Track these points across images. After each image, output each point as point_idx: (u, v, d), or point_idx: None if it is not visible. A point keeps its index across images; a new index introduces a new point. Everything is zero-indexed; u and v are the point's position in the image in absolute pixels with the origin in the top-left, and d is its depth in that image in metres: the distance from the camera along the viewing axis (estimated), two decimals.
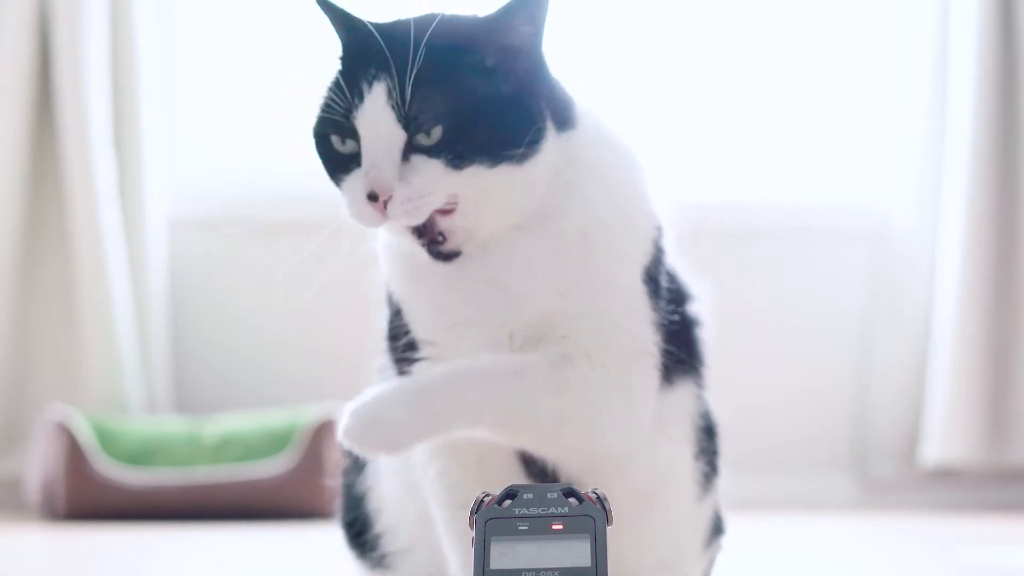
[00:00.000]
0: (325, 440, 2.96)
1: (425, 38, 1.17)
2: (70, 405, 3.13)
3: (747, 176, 3.69)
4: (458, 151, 1.17)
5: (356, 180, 1.20)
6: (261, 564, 2.22)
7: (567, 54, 1.31)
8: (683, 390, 1.33)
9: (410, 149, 1.18)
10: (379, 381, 1.32)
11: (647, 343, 1.26)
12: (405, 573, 1.42)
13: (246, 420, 3.14)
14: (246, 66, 3.61)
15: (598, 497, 1.08)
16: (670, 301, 1.31)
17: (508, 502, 1.08)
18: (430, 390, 1.22)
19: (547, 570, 1.03)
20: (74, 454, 2.96)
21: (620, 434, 1.24)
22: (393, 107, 1.17)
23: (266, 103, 3.61)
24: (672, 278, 1.33)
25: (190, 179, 3.51)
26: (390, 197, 1.17)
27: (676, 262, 1.35)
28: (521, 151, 1.19)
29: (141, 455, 3.04)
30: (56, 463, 2.95)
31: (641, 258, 1.27)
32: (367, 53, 1.21)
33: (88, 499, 2.95)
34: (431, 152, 1.17)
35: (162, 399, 3.33)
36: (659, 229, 1.31)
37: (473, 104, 1.18)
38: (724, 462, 1.40)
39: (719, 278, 1.41)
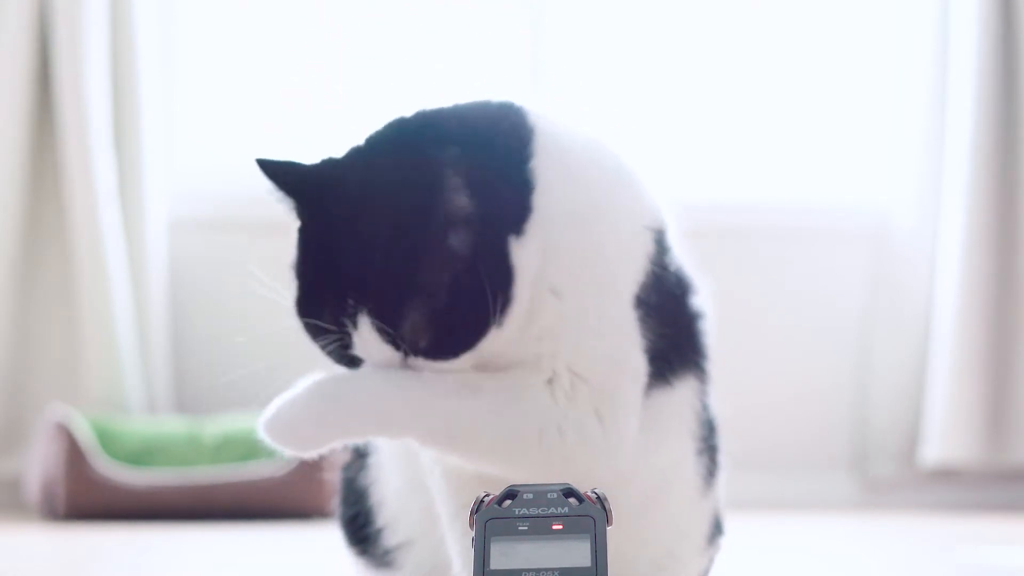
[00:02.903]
0: None
1: (386, 251, 1.18)
2: (70, 405, 3.13)
3: (747, 176, 3.69)
4: (449, 348, 1.21)
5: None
6: (261, 564, 2.22)
7: (567, 54, 1.29)
8: (684, 387, 1.33)
9: (405, 355, 1.22)
10: None
11: (629, 367, 1.26)
12: (407, 568, 1.41)
13: (246, 420, 3.14)
14: (246, 66, 3.61)
15: (598, 497, 1.08)
16: (673, 296, 1.30)
17: (508, 502, 1.08)
18: (346, 392, 1.24)
19: (547, 570, 1.03)
20: (74, 454, 2.96)
21: (599, 459, 1.24)
22: (386, 341, 1.20)
23: (266, 103, 3.61)
24: (675, 272, 1.32)
25: (190, 179, 3.51)
26: None
27: (679, 256, 1.34)
28: (502, 319, 1.20)
29: (141, 455, 3.04)
30: (56, 463, 2.95)
31: (631, 287, 1.27)
32: (332, 269, 1.21)
33: (88, 499, 2.95)
34: (426, 354, 1.21)
35: (162, 399, 3.33)
36: (656, 234, 1.30)
37: (451, 303, 1.19)
38: (725, 458, 1.40)
39: (719, 278, 1.41)
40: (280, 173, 1.25)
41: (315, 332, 1.23)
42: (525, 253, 1.21)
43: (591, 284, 1.25)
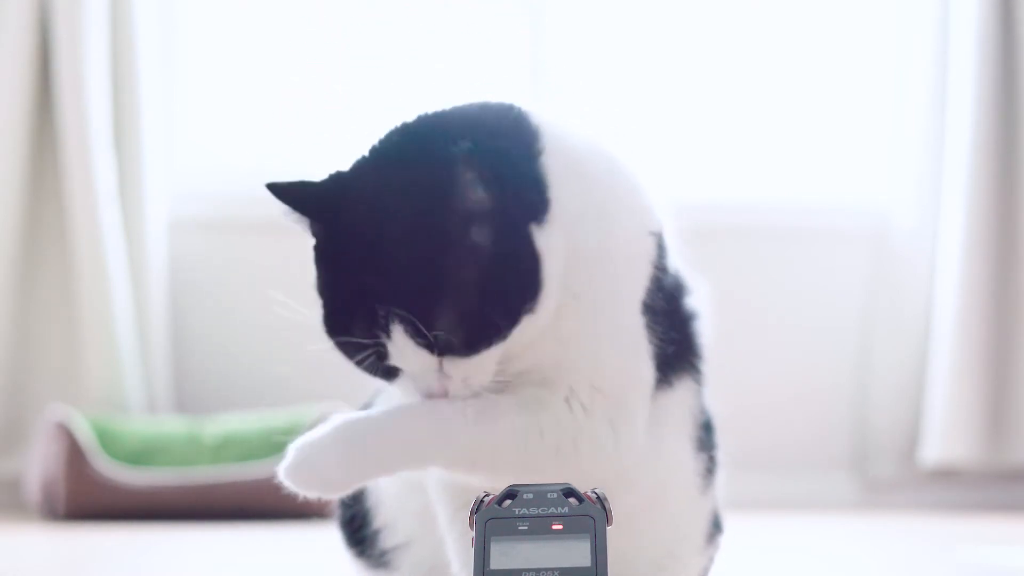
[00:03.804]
0: None
1: (409, 254, 1.17)
2: (70, 405, 3.13)
3: (747, 176, 3.69)
4: (483, 340, 1.19)
5: (405, 384, 1.24)
6: (261, 564, 2.22)
7: (567, 54, 1.29)
8: (683, 388, 1.33)
9: (441, 356, 1.20)
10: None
11: (640, 376, 1.27)
12: (405, 569, 1.42)
13: (246, 420, 3.14)
14: (246, 66, 3.61)
15: (598, 497, 1.08)
16: (671, 298, 1.30)
17: (508, 502, 1.08)
18: (371, 431, 1.23)
19: (547, 570, 1.03)
20: (74, 454, 2.96)
21: (607, 465, 1.25)
22: (421, 345, 1.18)
23: (266, 103, 3.61)
24: (672, 274, 1.32)
25: (190, 179, 3.51)
26: (446, 392, 1.21)
27: (675, 257, 1.34)
28: (535, 302, 1.20)
29: (141, 455, 3.04)
30: (56, 463, 2.95)
31: (639, 292, 1.27)
32: (357, 282, 1.20)
33: (88, 499, 2.94)
34: (461, 350, 1.20)
35: (162, 399, 3.33)
36: (657, 237, 1.30)
37: (481, 296, 1.18)
38: (723, 456, 1.40)
39: (719, 278, 1.41)
40: (291, 194, 1.24)
41: (349, 349, 1.22)
42: (548, 240, 1.20)
43: (604, 290, 1.25)
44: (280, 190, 1.24)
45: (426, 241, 1.17)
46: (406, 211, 1.18)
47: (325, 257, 1.23)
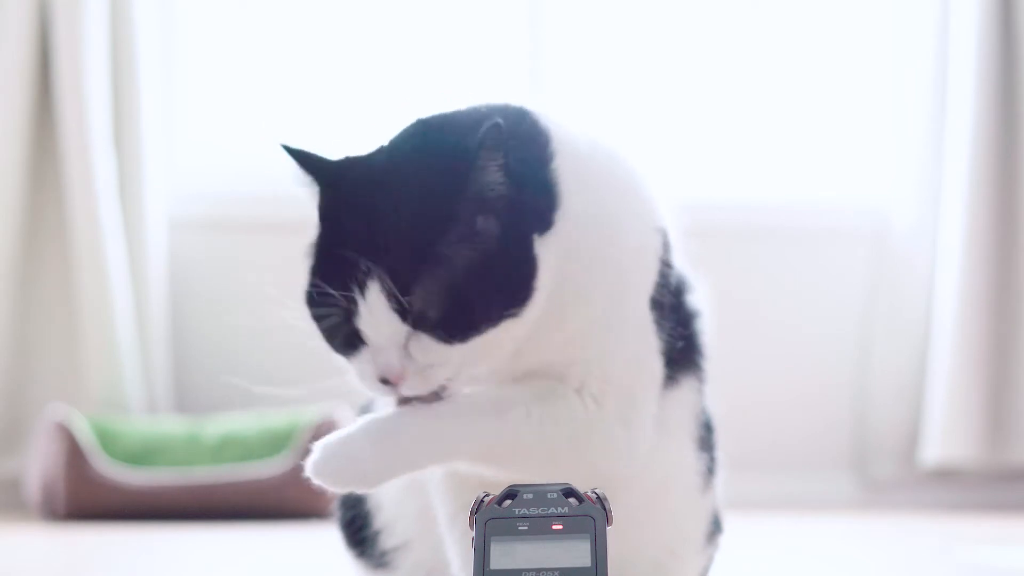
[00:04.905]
0: None
1: (410, 219, 1.16)
2: (70, 405, 3.13)
3: (747, 176, 3.69)
4: (460, 327, 1.17)
5: (364, 360, 1.20)
6: (261, 564, 2.22)
7: (567, 53, 1.28)
8: (685, 386, 1.33)
9: (413, 328, 1.18)
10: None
11: (650, 371, 1.27)
12: (404, 570, 1.42)
13: (246, 420, 3.15)
14: (246, 66, 3.61)
15: (598, 497, 1.08)
16: (675, 294, 1.31)
17: (508, 502, 1.08)
18: (401, 427, 1.22)
19: (547, 570, 1.03)
20: (74, 454, 2.96)
21: (618, 461, 1.25)
22: (394, 309, 1.16)
23: (266, 103, 3.61)
24: (676, 271, 1.32)
25: (190, 179, 3.51)
26: (402, 379, 1.19)
27: (678, 254, 1.35)
28: (521, 308, 1.19)
29: (141, 455, 3.04)
30: (56, 463, 2.95)
31: (648, 287, 1.28)
32: (349, 236, 1.18)
33: (88, 499, 2.95)
34: (434, 330, 1.17)
35: (162, 399, 3.33)
36: (662, 235, 1.31)
37: (469, 280, 1.17)
38: (723, 455, 1.41)
39: (719, 278, 1.41)
40: (305, 157, 1.23)
41: (319, 302, 1.20)
42: (546, 253, 1.20)
43: (615, 288, 1.25)
44: (294, 151, 1.23)
45: (432, 209, 1.16)
46: (419, 180, 1.17)
47: (326, 214, 1.22)
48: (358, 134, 1.31)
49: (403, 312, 1.16)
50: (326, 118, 3.58)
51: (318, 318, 1.21)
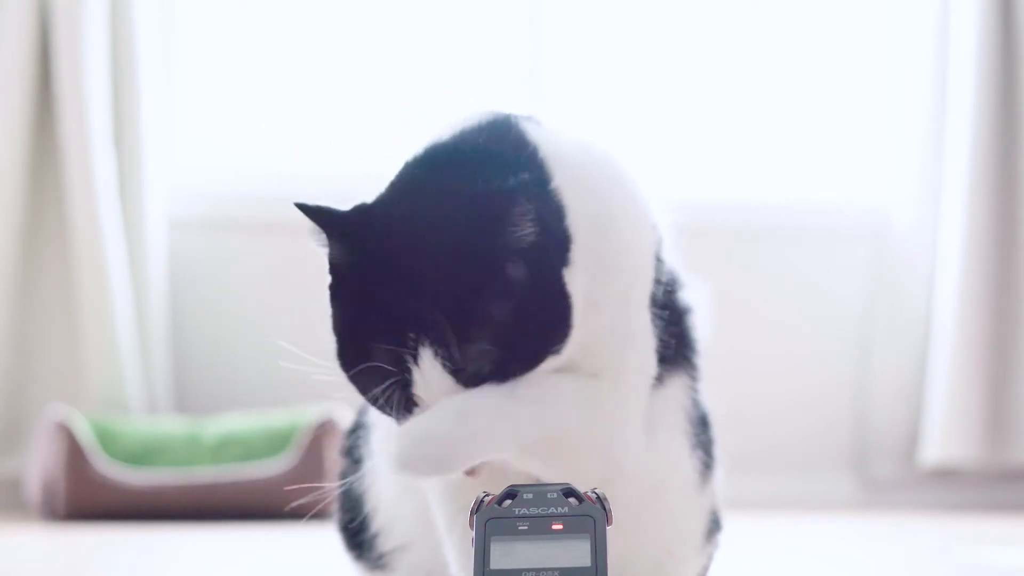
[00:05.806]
0: (325, 440, 2.96)
1: (449, 282, 1.15)
2: (70, 405, 3.13)
3: (747, 176, 3.69)
4: (510, 375, 1.18)
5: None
6: (261, 564, 2.22)
7: (566, 53, 1.28)
8: (677, 383, 1.33)
9: (466, 386, 1.18)
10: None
11: (648, 371, 1.28)
12: (403, 571, 1.42)
13: (246, 420, 3.15)
14: (246, 66, 3.61)
15: (598, 497, 1.08)
16: (667, 291, 1.31)
17: (508, 502, 1.08)
18: (473, 409, 1.19)
19: (547, 570, 1.03)
20: (74, 454, 2.96)
21: (629, 451, 1.26)
22: (448, 371, 1.16)
23: (266, 103, 3.61)
24: (667, 267, 1.33)
25: (190, 179, 3.51)
26: None
27: (670, 251, 1.35)
28: (562, 345, 1.19)
29: (141, 455, 3.04)
30: (56, 463, 2.95)
31: (648, 287, 1.28)
32: (387, 302, 1.17)
33: (88, 499, 2.95)
34: (486, 382, 1.18)
35: (162, 399, 3.33)
36: (656, 231, 1.31)
37: (513, 329, 1.17)
38: (722, 453, 1.41)
39: (719, 278, 1.41)
40: (322, 214, 1.20)
41: (370, 380, 1.19)
42: (574, 281, 1.20)
43: (622, 294, 1.25)
44: (310, 209, 1.20)
45: (469, 266, 1.15)
46: (451, 237, 1.16)
47: (348, 284, 1.20)
48: (358, 134, 1.31)
49: (458, 373, 1.16)
50: (326, 118, 3.58)
51: (364, 390, 1.21)
